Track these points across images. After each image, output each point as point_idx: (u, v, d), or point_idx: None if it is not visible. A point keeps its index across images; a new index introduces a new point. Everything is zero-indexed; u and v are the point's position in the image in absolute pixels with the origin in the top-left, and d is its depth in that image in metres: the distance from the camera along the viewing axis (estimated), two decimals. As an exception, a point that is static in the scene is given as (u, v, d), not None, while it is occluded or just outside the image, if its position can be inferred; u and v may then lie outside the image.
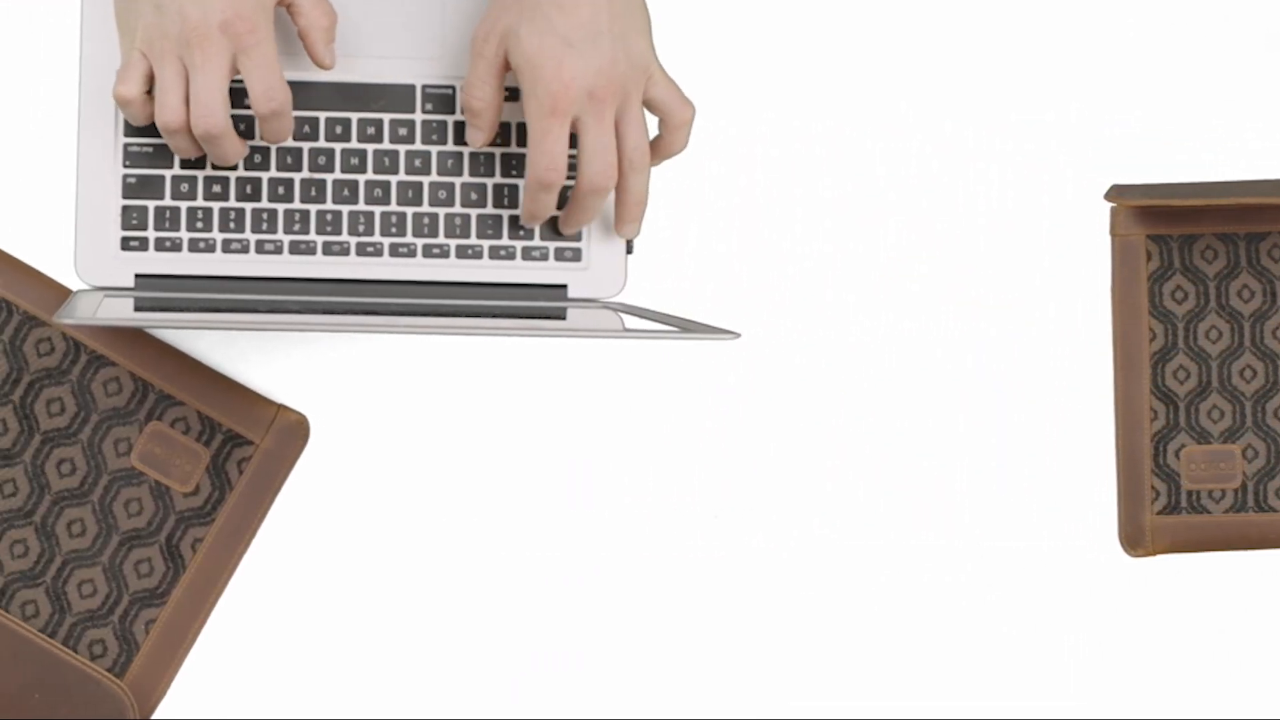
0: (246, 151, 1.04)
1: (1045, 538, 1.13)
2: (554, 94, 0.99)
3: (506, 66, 1.02)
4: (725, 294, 1.11)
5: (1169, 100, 1.14)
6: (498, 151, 1.09)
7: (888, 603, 1.12)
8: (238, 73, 1.00)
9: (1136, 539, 1.12)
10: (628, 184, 1.03)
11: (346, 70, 1.09)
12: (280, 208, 1.08)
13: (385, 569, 1.09)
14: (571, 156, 1.06)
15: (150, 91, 1.04)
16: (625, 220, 1.05)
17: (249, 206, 1.07)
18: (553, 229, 1.09)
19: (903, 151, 1.13)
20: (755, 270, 1.11)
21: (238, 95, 1.09)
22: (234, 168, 1.06)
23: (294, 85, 1.08)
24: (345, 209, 1.08)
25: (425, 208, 1.08)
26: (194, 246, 1.07)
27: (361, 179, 1.08)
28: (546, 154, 1.01)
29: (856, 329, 1.12)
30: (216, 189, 1.08)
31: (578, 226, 1.06)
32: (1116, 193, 1.12)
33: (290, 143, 1.07)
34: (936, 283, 1.13)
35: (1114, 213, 1.14)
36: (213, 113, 0.99)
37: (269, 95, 1.00)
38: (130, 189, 1.07)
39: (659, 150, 1.05)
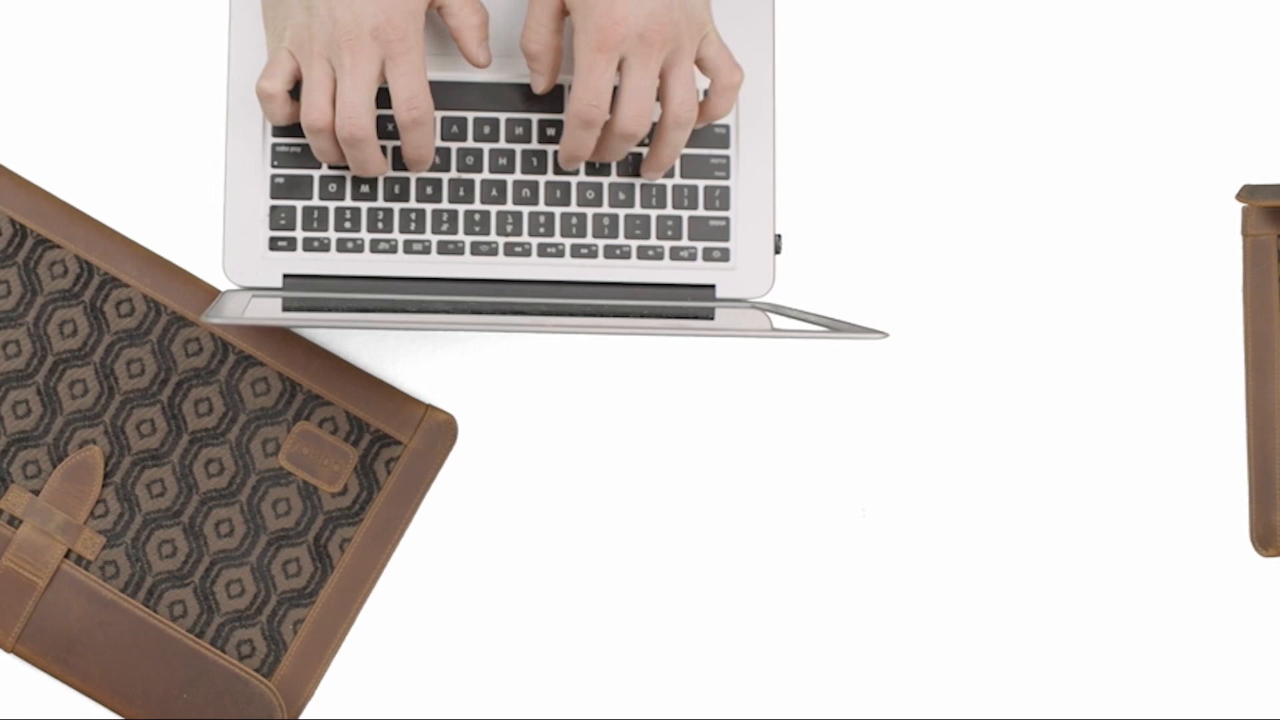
0: (388, 168, 1.04)
1: (1177, 537, 1.13)
2: (603, 29, 1.00)
3: (564, 12, 1.02)
4: (871, 294, 1.12)
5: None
6: (645, 151, 1.09)
7: (1025, 599, 1.12)
8: (384, 78, 1.00)
9: (1268, 538, 1.12)
10: (667, 137, 1.04)
11: (494, 70, 1.10)
12: (428, 208, 1.08)
13: (532, 569, 1.10)
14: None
15: (292, 92, 1.05)
16: (653, 167, 1.07)
17: (397, 207, 1.08)
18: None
19: (1041, 152, 1.13)
20: (901, 270, 1.12)
21: (385, 102, 1.08)
22: (381, 169, 1.06)
23: (443, 86, 1.09)
24: (493, 209, 1.08)
25: (573, 208, 1.09)
26: (342, 246, 1.08)
27: (509, 179, 1.09)
28: (590, 89, 1.01)
29: (998, 328, 1.12)
30: (364, 189, 1.08)
31: (599, 159, 1.08)
32: (1248, 193, 1.12)
33: (439, 142, 1.08)
34: (1071, 284, 1.13)
35: (1245, 213, 1.14)
36: (358, 115, 1.01)
37: (411, 103, 1.01)
38: (278, 189, 1.08)
39: (703, 112, 1.06)
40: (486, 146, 1.09)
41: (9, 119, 1.10)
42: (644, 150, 1.08)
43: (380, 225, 1.09)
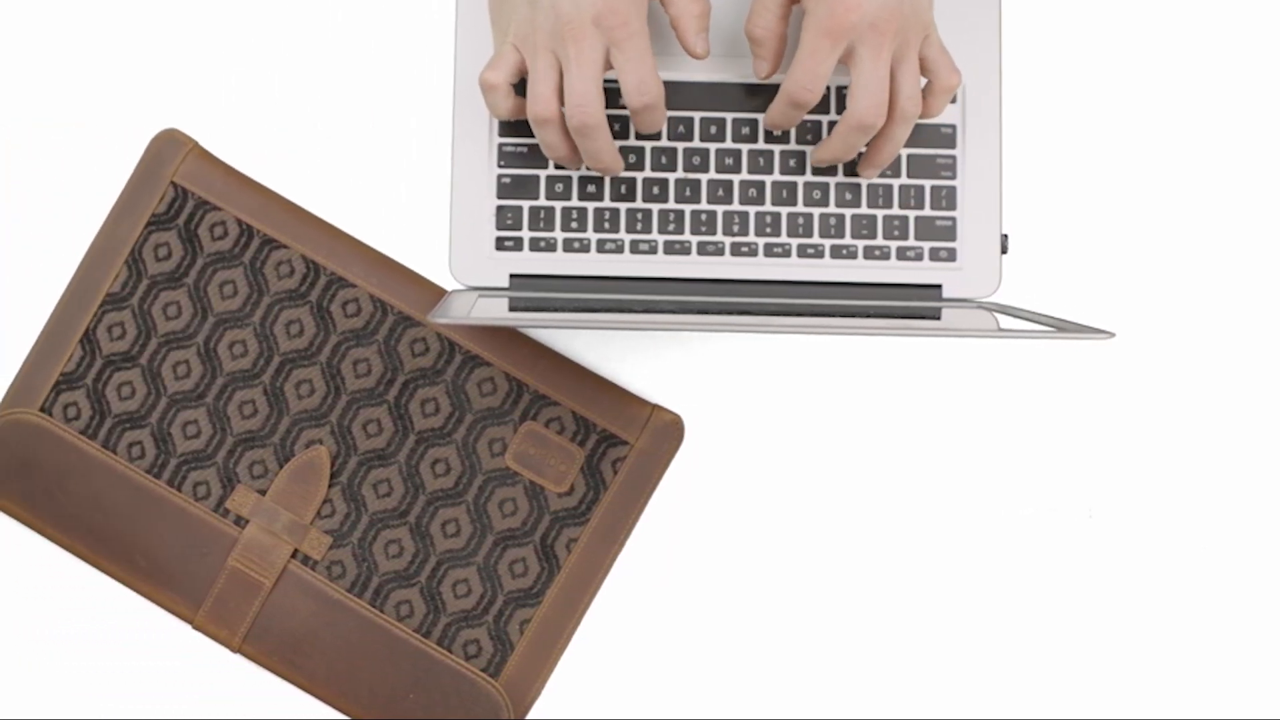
0: (622, 163, 1.06)
1: None
2: (835, 14, 1.02)
3: (794, 0, 1.04)
4: (1096, 293, 1.12)
5: None
6: (865, 149, 1.11)
7: (1254, 601, 1.13)
8: (611, 67, 1.02)
9: None
10: (892, 131, 1.06)
11: (721, 70, 1.11)
12: (655, 208, 1.10)
13: (757, 569, 1.11)
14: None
15: (517, 87, 1.06)
16: (873, 164, 1.08)
17: (623, 206, 1.10)
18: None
19: (1273, 149, 1.14)
20: (1127, 269, 1.13)
21: (612, 97, 1.10)
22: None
23: (669, 85, 1.10)
24: (719, 209, 1.10)
25: (799, 207, 1.10)
26: (568, 246, 1.10)
27: (736, 179, 1.10)
28: (808, 71, 1.04)
29: (1226, 328, 1.13)
30: (591, 189, 1.10)
31: (831, 162, 1.09)
32: None
33: (665, 142, 1.10)
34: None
35: None
36: (587, 104, 1.02)
37: (641, 89, 1.02)
38: (505, 189, 1.10)
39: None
40: (713, 146, 1.11)
41: (236, 121, 1.12)
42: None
43: (607, 225, 1.10)
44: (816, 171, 1.12)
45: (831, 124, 1.12)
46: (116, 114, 1.14)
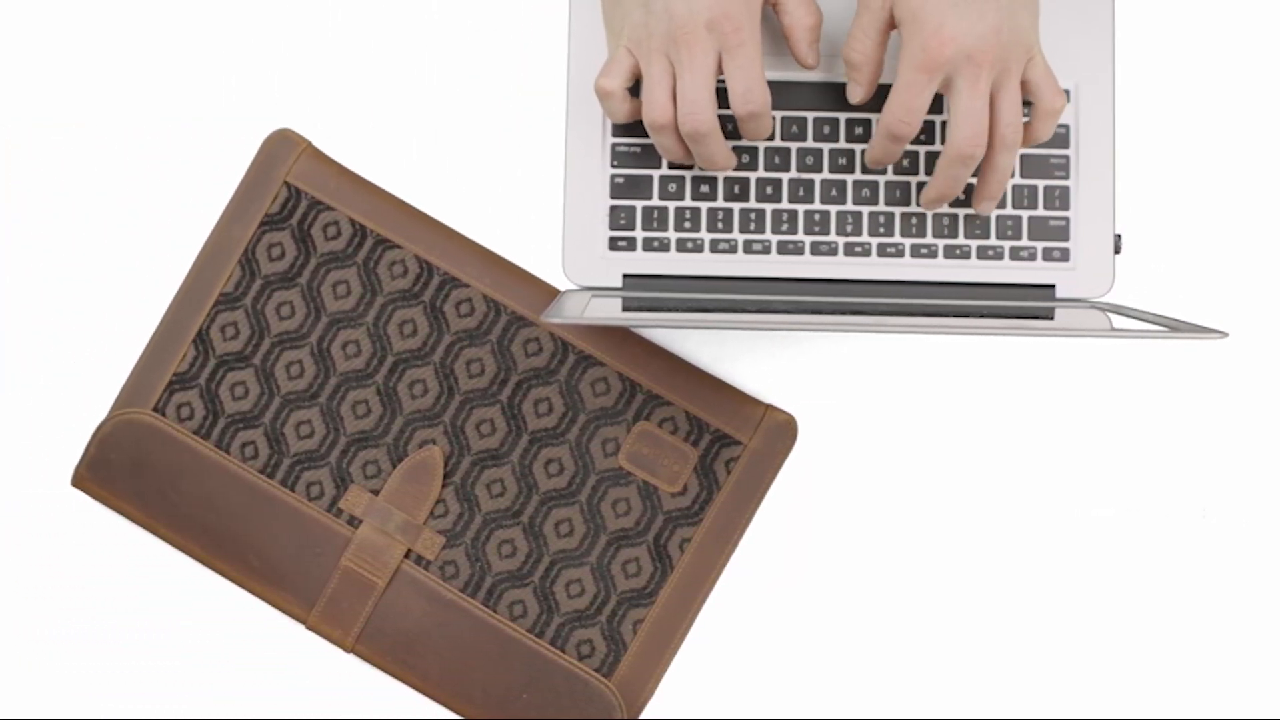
0: (734, 161, 1.07)
1: None
2: (929, 49, 1.03)
3: (891, 25, 1.04)
4: (1209, 293, 1.13)
5: None
6: (975, 184, 1.12)
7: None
8: (723, 71, 1.03)
9: None
10: (996, 160, 1.07)
11: (834, 70, 1.12)
12: (768, 208, 1.11)
13: (872, 571, 1.13)
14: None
15: (632, 89, 1.07)
16: (984, 197, 1.08)
17: (737, 206, 1.11)
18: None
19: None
20: (1240, 269, 1.14)
21: (725, 98, 1.11)
22: (720, 168, 1.10)
23: (782, 85, 1.12)
24: (833, 209, 1.11)
25: (912, 208, 1.12)
26: (681, 246, 1.11)
27: (849, 179, 1.11)
28: (904, 106, 1.05)
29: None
30: (704, 189, 1.11)
31: (939, 201, 1.10)
32: None
33: (778, 142, 1.11)
34: None
35: None
36: (699, 110, 1.03)
37: (747, 97, 1.04)
38: (618, 189, 1.11)
39: (1024, 136, 1.07)
40: (826, 146, 1.12)
41: (349, 122, 1.14)
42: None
43: (720, 225, 1.11)
44: (930, 171, 1.13)
45: (931, 155, 1.13)
46: (230, 114, 1.15)
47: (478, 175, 1.15)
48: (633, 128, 1.14)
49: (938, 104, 1.15)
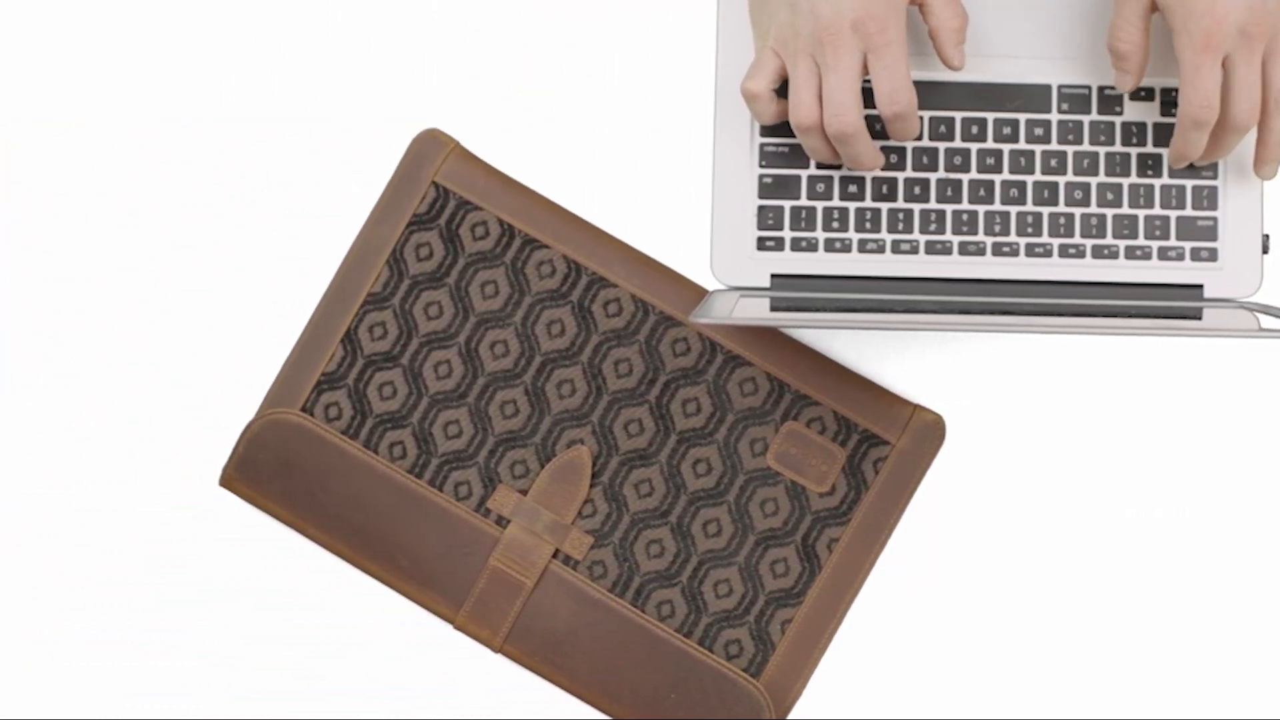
0: (881, 160, 1.08)
1: None
2: (1207, 30, 1.04)
3: (1152, 8, 1.06)
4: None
5: None
6: (1134, 152, 1.14)
7: None
8: (869, 72, 1.05)
9: None
10: (1271, 124, 1.08)
11: (981, 70, 1.14)
12: (916, 208, 1.13)
13: (1020, 572, 1.16)
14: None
15: (779, 90, 1.09)
16: (1265, 160, 1.10)
17: (885, 206, 1.13)
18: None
19: None
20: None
21: (871, 96, 1.12)
22: (868, 169, 1.12)
23: (929, 85, 1.13)
24: (981, 209, 1.13)
25: (1061, 208, 1.13)
26: (829, 246, 1.12)
27: (997, 179, 1.13)
28: (1200, 91, 1.07)
29: None
30: (852, 189, 1.13)
31: (1209, 159, 1.13)
32: None
33: (926, 142, 1.12)
34: None
35: None
36: (845, 111, 1.05)
37: (893, 98, 1.06)
38: (766, 189, 1.13)
39: None
40: (974, 146, 1.14)
41: (497, 122, 1.16)
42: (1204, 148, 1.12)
43: (868, 225, 1.13)
44: (1078, 171, 1.15)
45: (1079, 154, 1.14)
46: (378, 114, 1.17)
47: (625, 175, 1.17)
48: (781, 128, 1.16)
49: (1037, 102, 1.16)
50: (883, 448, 1.18)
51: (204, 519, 1.19)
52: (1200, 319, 1.12)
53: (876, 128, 1.18)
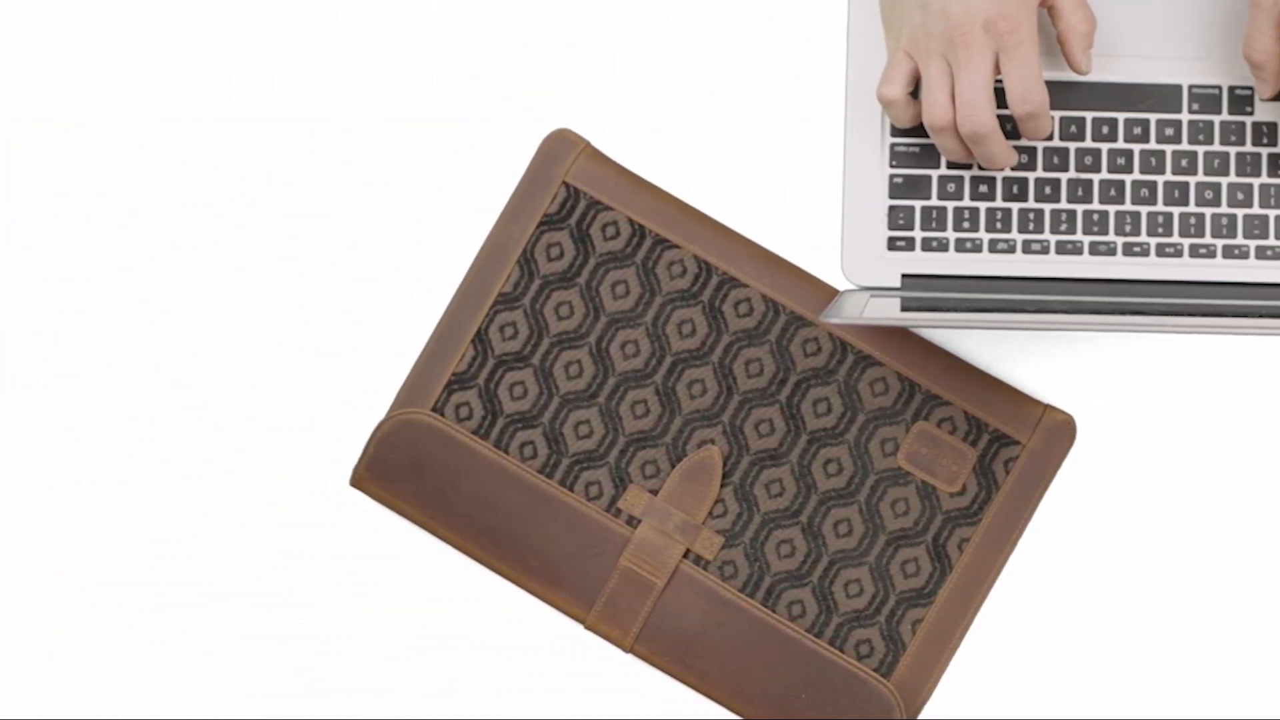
0: (1015, 158, 1.10)
1: None
2: None
3: None
4: None
5: None
6: (1264, 152, 1.16)
7: None
8: (1000, 72, 1.06)
9: None
10: None
11: (1112, 70, 1.16)
12: (1047, 208, 1.14)
13: (1153, 573, 1.20)
14: None
15: (914, 93, 1.10)
16: None
17: (1015, 206, 1.14)
18: None
19: None
20: None
21: (1004, 96, 1.14)
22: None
23: (1060, 85, 1.15)
24: (1112, 209, 1.14)
25: (1191, 208, 1.15)
26: (960, 246, 1.14)
27: (1128, 179, 1.15)
28: None
29: None
30: (983, 189, 1.14)
31: None
32: None
33: (1056, 142, 1.14)
34: None
35: None
36: (978, 112, 1.07)
37: (1025, 97, 1.07)
38: (896, 189, 1.14)
39: None
40: (1105, 146, 1.15)
41: (626, 121, 1.19)
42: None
43: (999, 225, 1.15)
44: (1209, 171, 1.16)
45: (1210, 154, 1.16)
46: (509, 114, 1.19)
47: (755, 175, 1.19)
48: (912, 128, 1.17)
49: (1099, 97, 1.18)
50: (1013, 448, 1.19)
51: (335, 519, 1.20)
52: (1333, 319, 1.13)
53: (1007, 127, 1.19)
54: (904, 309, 1.14)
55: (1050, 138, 1.20)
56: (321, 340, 1.22)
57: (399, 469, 1.21)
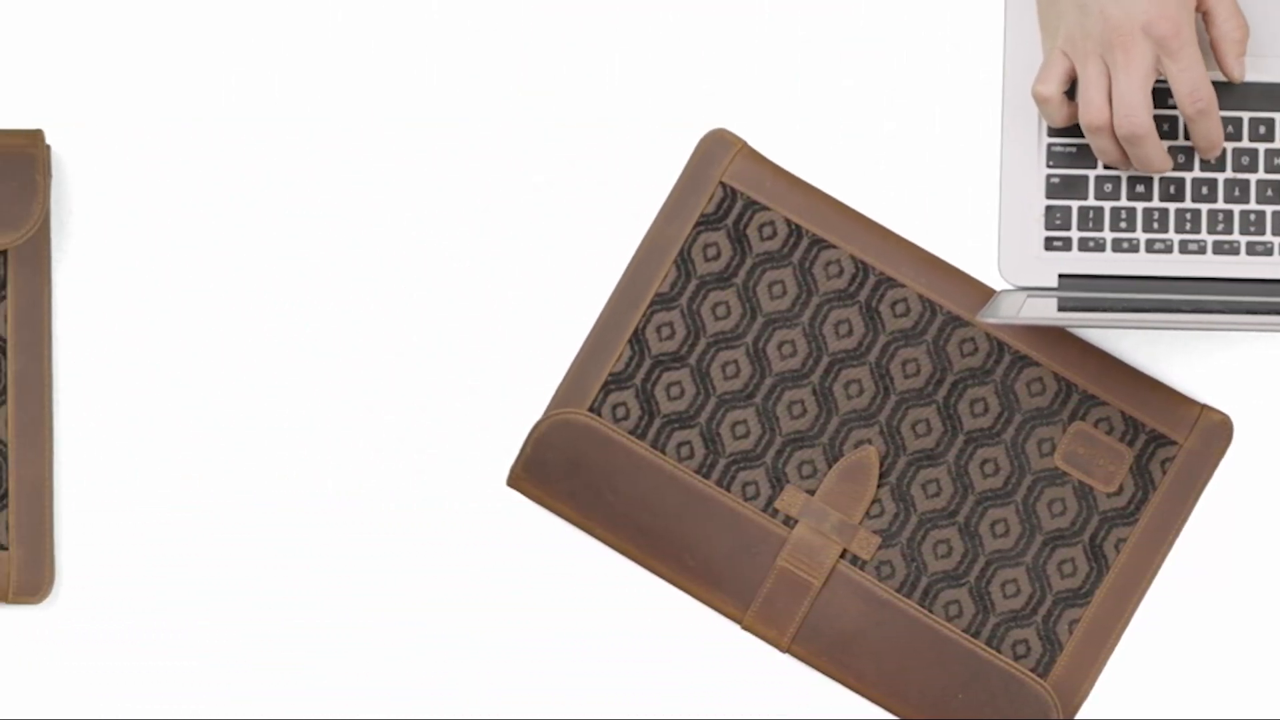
0: (1170, 163, 1.12)
1: None
2: None
3: None
4: None
5: None
6: None
7: None
8: (1159, 74, 1.10)
9: None
10: None
11: (1267, 71, 1.17)
12: (1204, 208, 1.17)
13: None
14: None
15: (1068, 92, 1.12)
16: None
17: (1172, 206, 1.16)
18: None
19: None
20: None
21: (1160, 97, 1.15)
22: (1155, 170, 1.17)
23: (1215, 86, 1.16)
24: (1269, 209, 1.17)
25: (1350, 208, 1.17)
26: (1117, 246, 1.16)
27: (1285, 179, 1.17)
28: None
29: None
30: (1140, 189, 1.17)
31: None
32: None
33: (1213, 142, 1.16)
34: None
35: None
36: (1135, 112, 1.09)
37: (1194, 96, 1.09)
38: (1053, 189, 1.16)
39: None
40: (1262, 146, 1.18)
41: (783, 122, 1.26)
42: None
43: (1155, 225, 1.17)
44: (1368, 171, 1.19)
45: None
46: (665, 114, 1.21)
47: (911, 174, 1.22)
48: (1069, 129, 1.20)
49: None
50: (1170, 448, 1.21)
51: (492, 519, 1.23)
52: None
53: (1164, 128, 1.21)
54: (1061, 309, 1.16)
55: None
56: (479, 341, 1.24)
57: (556, 469, 1.23)
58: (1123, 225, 1.23)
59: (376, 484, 1.26)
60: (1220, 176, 1.23)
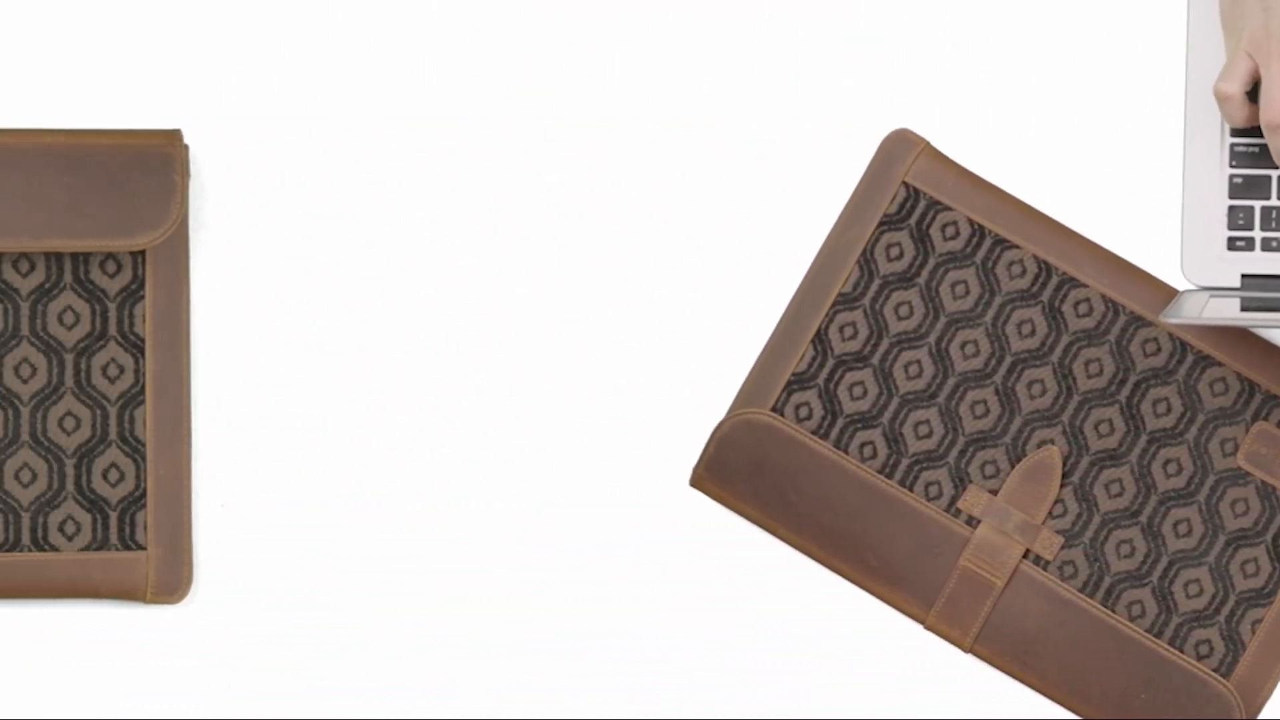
0: None
1: None
2: None
3: None
4: None
5: None
6: None
7: None
8: None
9: None
10: None
11: None
12: (1387, 207, 1.19)
13: None
14: None
15: (1250, 93, 1.14)
16: None
17: (1356, 206, 1.19)
18: None
19: None
20: None
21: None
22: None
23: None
24: None
25: None
26: (1299, 246, 1.19)
27: None
28: None
29: None
30: (1323, 188, 1.19)
31: None
32: None
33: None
34: None
35: None
36: (1314, 113, 1.11)
37: None
38: (1236, 189, 1.19)
39: None
40: None
41: (965, 122, 1.31)
42: None
43: (1342, 225, 1.19)
44: None
45: None
46: (847, 114, 1.25)
47: (1093, 174, 1.25)
48: (1253, 129, 1.22)
49: None
50: (1346, 450, 1.24)
51: (674, 519, 1.26)
52: None
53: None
54: (1244, 309, 1.19)
55: None
56: (662, 341, 1.28)
57: (739, 469, 1.27)
58: (1306, 225, 1.26)
59: (554, 485, 1.30)
60: (1402, 176, 1.26)
